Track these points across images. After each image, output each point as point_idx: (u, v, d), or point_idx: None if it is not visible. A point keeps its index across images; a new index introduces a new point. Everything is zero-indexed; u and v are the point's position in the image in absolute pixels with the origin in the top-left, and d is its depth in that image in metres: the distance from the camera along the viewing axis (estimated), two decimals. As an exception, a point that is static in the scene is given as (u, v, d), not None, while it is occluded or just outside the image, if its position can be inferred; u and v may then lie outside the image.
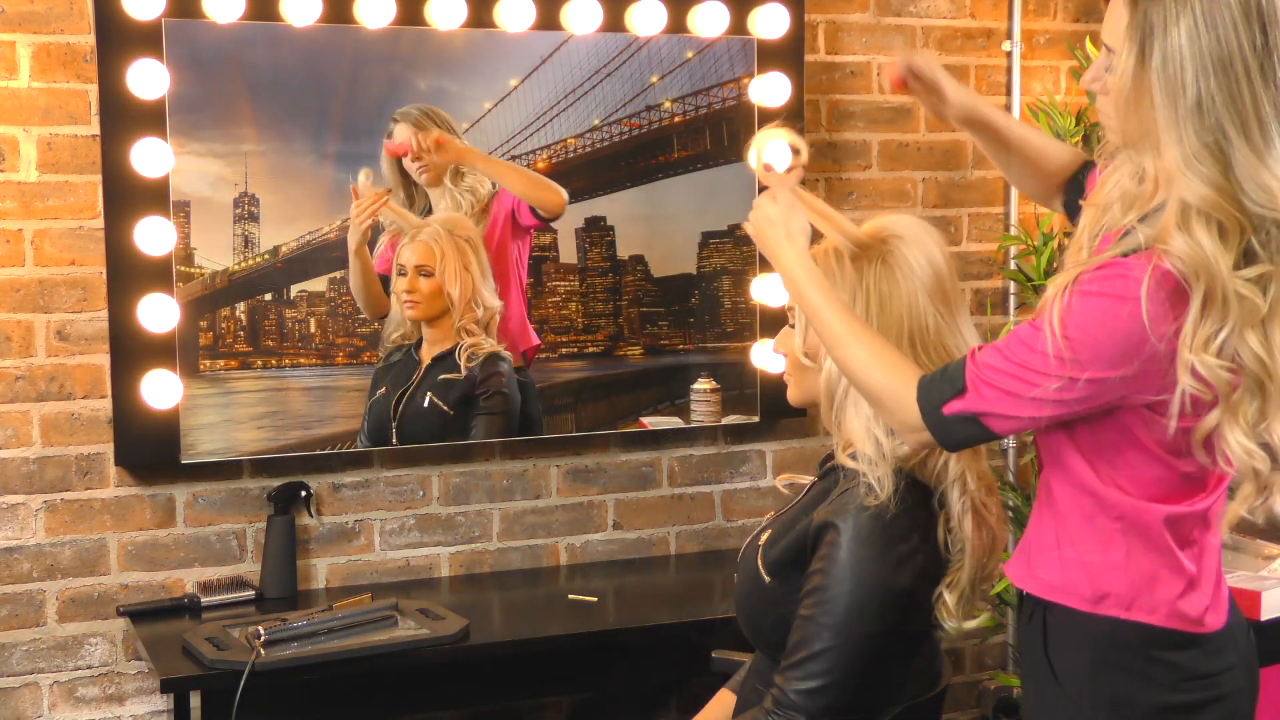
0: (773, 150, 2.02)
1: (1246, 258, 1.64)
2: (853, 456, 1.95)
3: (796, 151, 1.96)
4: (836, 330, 1.82)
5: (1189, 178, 1.63)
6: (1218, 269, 1.61)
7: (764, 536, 2.04)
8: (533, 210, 3.29)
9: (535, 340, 3.33)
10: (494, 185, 3.28)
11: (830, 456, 2.04)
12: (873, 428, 1.92)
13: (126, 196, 2.99)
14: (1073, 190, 2.12)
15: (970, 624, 1.94)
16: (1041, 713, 1.83)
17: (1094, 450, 1.76)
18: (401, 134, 3.19)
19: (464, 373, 3.24)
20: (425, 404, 3.23)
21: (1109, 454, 1.75)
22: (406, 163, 3.20)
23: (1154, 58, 1.65)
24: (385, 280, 3.22)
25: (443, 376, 3.23)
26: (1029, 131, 2.19)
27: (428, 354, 3.24)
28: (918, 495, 1.93)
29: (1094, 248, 1.76)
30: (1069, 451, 1.78)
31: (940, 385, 1.74)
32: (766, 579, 1.98)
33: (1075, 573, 1.78)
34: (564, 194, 3.31)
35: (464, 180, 3.26)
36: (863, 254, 1.95)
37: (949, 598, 1.92)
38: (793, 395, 2.08)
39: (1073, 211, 2.11)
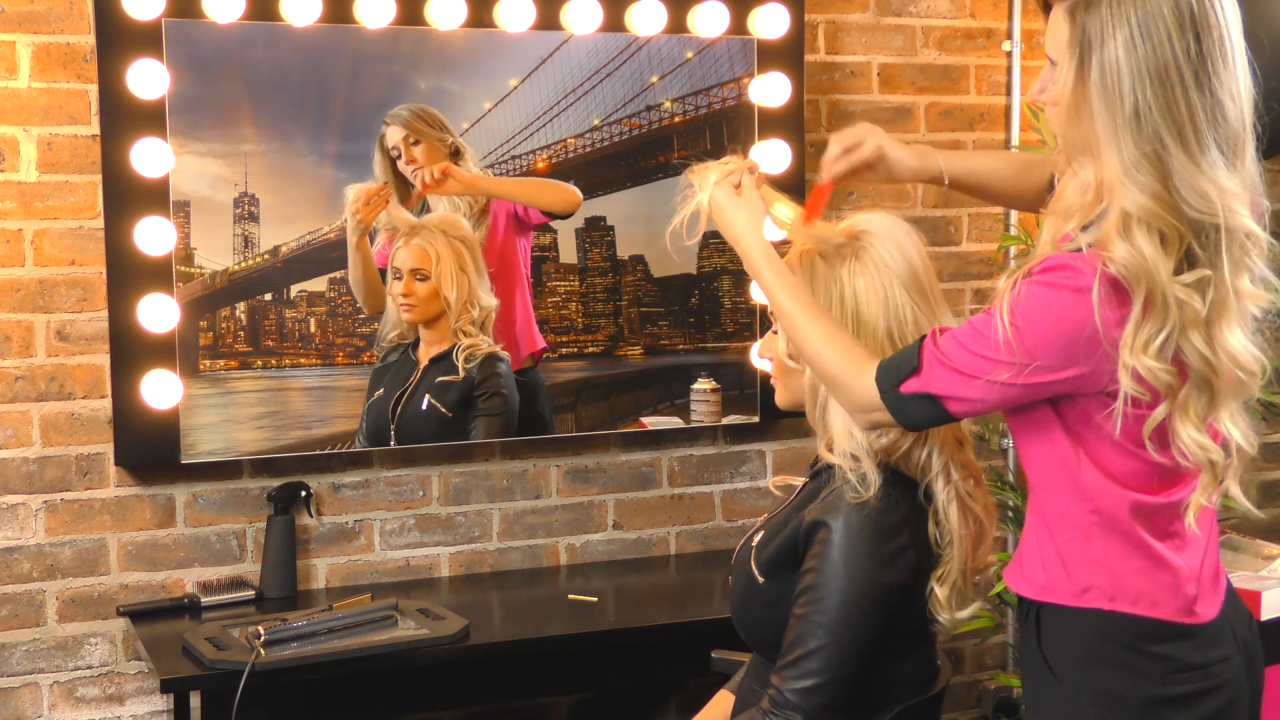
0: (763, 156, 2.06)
1: (1188, 261, 1.67)
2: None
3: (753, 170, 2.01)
4: (790, 309, 1.87)
5: (1128, 187, 1.67)
6: (1157, 275, 1.65)
7: (757, 538, 2.04)
8: (545, 210, 3.30)
9: (542, 343, 3.33)
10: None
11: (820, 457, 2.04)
12: (849, 423, 1.93)
13: (126, 196, 2.99)
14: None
15: (963, 614, 1.95)
16: (1041, 709, 1.84)
17: (1067, 445, 1.78)
18: (393, 136, 3.18)
19: (462, 374, 3.24)
20: (424, 406, 3.22)
21: (1082, 448, 1.77)
22: (402, 165, 3.20)
23: (1092, 70, 1.68)
24: (385, 274, 3.21)
25: (440, 378, 3.23)
26: (991, 161, 2.21)
27: (425, 355, 3.24)
28: (903, 489, 1.94)
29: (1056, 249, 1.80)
30: (1045, 448, 1.80)
31: (898, 364, 1.79)
32: (760, 580, 1.99)
33: (1058, 569, 1.80)
34: (577, 192, 3.32)
35: (462, 181, 3.26)
36: (836, 252, 1.97)
37: (940, 591, 1.93)
38: (780, 399, 2.10)
39: None
